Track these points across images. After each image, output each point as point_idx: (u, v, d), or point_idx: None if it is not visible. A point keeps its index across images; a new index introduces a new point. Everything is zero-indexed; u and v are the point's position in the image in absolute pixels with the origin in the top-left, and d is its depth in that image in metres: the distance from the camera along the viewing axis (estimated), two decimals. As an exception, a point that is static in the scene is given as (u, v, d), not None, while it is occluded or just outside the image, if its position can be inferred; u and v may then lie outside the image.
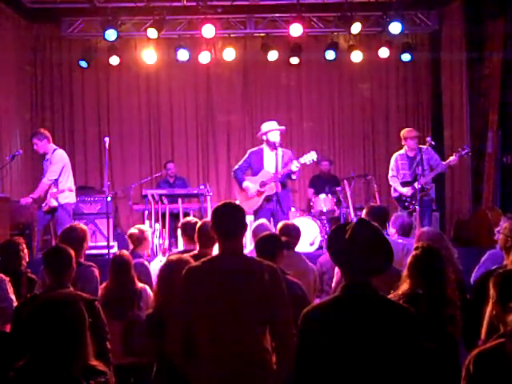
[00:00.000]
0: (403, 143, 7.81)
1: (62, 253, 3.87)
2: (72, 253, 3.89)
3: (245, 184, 7.39)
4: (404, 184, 7.70)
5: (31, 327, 2.09)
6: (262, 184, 7.30)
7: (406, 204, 7.64)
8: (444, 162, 7.56)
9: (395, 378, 2.33)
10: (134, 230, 5.41)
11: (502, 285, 2.53)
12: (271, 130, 7.37)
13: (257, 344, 2.87)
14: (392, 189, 7.90)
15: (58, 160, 7.45)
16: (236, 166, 7.66)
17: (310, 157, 7.24)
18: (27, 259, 5.05)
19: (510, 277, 2.56)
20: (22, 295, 4.58)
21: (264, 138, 7.43)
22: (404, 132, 7.85)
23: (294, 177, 7.41)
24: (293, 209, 8.83)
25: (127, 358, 4.02)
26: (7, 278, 4.48)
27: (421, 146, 7.67)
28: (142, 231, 5.40)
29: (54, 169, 7.40)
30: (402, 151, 7.85)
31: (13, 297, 4.44)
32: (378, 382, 2.33)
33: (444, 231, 9.08)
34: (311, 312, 2.47)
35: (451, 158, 7.48)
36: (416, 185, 7.40)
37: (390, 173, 7.89)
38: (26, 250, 5.01)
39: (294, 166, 7.16)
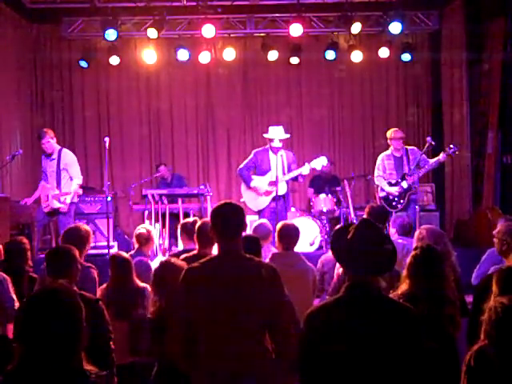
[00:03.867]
0: (389, 143, 7.86)
1: (64, 253, 3.83)
2: (76, 253, 3.86)
3: (253, 184, 7.52)
4: (391, 184, 7.73)
5: (28, 317, 2.07)
6: (271, 184, 7.40)
7: (394, 203, 7.67)
8: (432, 160, 7.57)
9: (398, 378, 2.33)
10: (142, 230, 5.42)
11: (504, 281, 2.55)
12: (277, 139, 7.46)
13: (257, 344, 2.87)
14: (379, 188, 7.93)
15: (74, 160, 7.58)
16: (241, 165, 7.78)
17: (321, 162, 7.33)
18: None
19: None
20: (24, 294, 4.59)
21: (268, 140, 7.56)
22: (390, 133, 7.89)
23: (301, 179, 7.51)
24: (293, 209, 8.85)
25: (134, 357, 4.02)
26: (8, 278, 4.48)
27: (406, 147, 7.75)
28: (149, 231, 5.42)
29: (76, 169, 7.51)
30: (388, 151, 7.90)
31: (14, 296, 4.44)
32: (381, 381, 2.33)
33: (444, 231, 9.11)
34: (315, 313, 2.47)
35: (440, 156, 7.51)
36: (405, 184, 7.51)
37: (376, 172, 7.94)
38: (29, 252, 5.05)
39: (306, 170, 7.25)
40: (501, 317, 2.31)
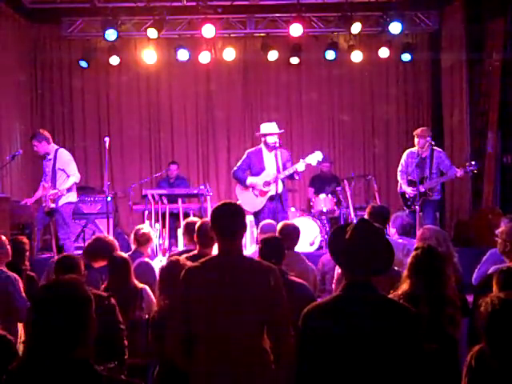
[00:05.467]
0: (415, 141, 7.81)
1: (68, 261, 3.87)
2: (80, 261, 3.90)
3: (249, 181, 7.28)
4: (410, 183, 7.71)
5: (37, 306, 2.11)
6: (266, 184, 7.29)
7: (409, 203, 7.67)
8: (451, 172, 7.54)
9: (396, 378, 2.33)
10: (143, 231, 5.41)
11: (504, 281, 2.54)
12: (270, 133, 7.33)
13: (255, 344, 2.87)
14: (399, 184, 7.93)
15: (70, 159, 7.48)
16: (235, 168, 7.58)
17: (316, 157, 7.23)
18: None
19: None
20: (24, 292, 4.61)
21: (262, 139, 7.42)
22: (418, 129, 7.87)
23: (296, 177, 7.42)
24: (293, 209, 8.84)
25: (131, 359, 4.02)
26: (20, 279, 4.51)
27: (435, 149, 7.66)
28: (148, 232, 5.43)
29: (72, 168, 7.42)
30: (414, 148, 7.83)
31: (25, 296, 4.47)
32: (379, 381, 2.33)
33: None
34: (311, 311, 2.47)
35: (457, 171, 7.49)
36: (421, 188, 7.46)
37: (399, 167, 7.95)
38: (27, 253, 5.08)
39: (301, 167, 7.15)
40: (497, 309, 2.27)
